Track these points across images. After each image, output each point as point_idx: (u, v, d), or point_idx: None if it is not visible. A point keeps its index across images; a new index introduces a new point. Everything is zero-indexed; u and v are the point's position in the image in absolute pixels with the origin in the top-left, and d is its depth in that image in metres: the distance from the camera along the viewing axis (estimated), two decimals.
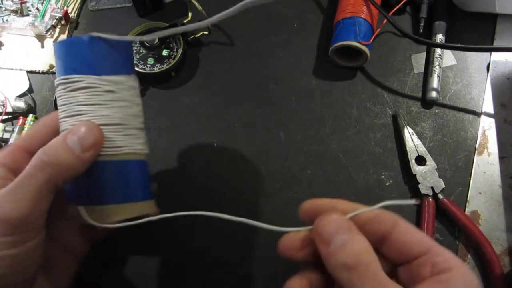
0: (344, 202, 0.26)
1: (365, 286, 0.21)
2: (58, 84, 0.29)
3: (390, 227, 0.24)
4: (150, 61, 0.46)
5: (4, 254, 0.24)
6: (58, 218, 0.30)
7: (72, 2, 0.53)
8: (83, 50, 0.28)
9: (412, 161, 0.40)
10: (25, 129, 0.45)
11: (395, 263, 0.25)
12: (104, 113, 0.28)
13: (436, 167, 0.40)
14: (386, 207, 0.25)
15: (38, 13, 0.51)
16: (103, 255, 0.38)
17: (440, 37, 0.45)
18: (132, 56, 0.32)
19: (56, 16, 0.50)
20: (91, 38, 0.28)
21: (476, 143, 0.42)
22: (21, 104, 0.46)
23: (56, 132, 0.31)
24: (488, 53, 0.46)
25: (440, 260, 0.23)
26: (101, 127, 0.28)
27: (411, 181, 0.40)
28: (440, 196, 0.38)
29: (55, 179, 0.26)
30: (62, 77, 0.29)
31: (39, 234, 0.26)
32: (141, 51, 0.47)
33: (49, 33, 0.50)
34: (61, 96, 0.29)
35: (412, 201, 0.25)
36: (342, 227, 0.23)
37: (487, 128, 0.42)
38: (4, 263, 0.24)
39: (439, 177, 0.39)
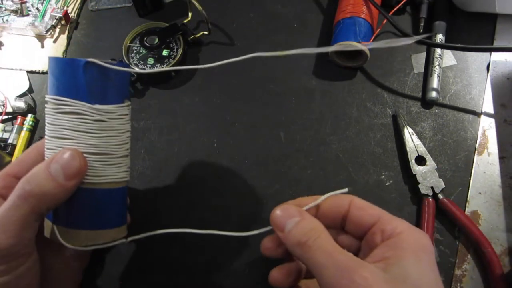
0: (304, 198, 0.30)
1: (314, 257, 0.24)
2: (48, 102, 0.29)
3: (347, 206, 0.28)
4: (150, 61, 0.46)
5: None
6: None
7: (72, 2, 0.53)
8: (77, 74, 0.27)
9: (412, 161, 0.40)
10: (24, 129, 0.45)
11: (358, 238, 0.29)
12: (91, 142, 0.28)
13: (436, 167, 0.40)
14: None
15: (38, 13, 0.51)
16: (101, 256, 0.39)
17: (440, 37, 0.45)
18: (128, 83, 0.31)
19: (56, 16, 0.50)
20: (87, 63, 0.27)
21: (476, 143, 0.42)
22: (21, 104, 0.46)
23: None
24: (488, 53, 0.46)
25: (388, 227, 0.26)
26: (86, 155, 0.28)
27: (411, 181, 0.40)
28: (440, 196, 0.38)
29: (39, 208, 0.26)
30: (54, 96, 0.28)
31: (29, 258, 0.27)
32: (141, 51, 0.47)
33: (49, 33, 0.50)
34: (50, 114, 0.29)
35: (345, 190, 0.30)
36: (291, 213, 0.27)
37: (487, 128, 0.42)
38: None
39: (439, 177, 0.39)
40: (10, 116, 0.46)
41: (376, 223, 0.27)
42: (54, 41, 0.51)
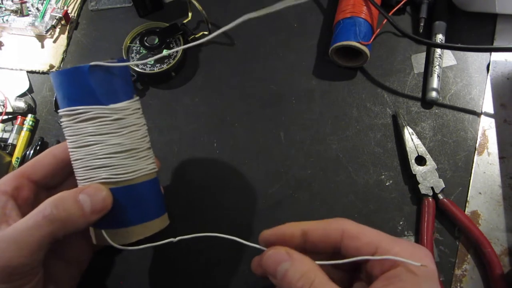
0: (291, 224, 0.28)
1: None
2: (63, 116, 0.29)
3: (339, 237, 0.26)
4: (150, 61, 0.46)
5: None
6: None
7: (72, 2, 0.53)
8: (85, 80, 0.28)
9: (412, 161, 0.40)
10: (24, 129, 0.45)
11: (354, 268, 0.27)
12: (116, 142, 0.29)
13: (436, 167, 0.40)
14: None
15: (38, 13, 0.51)
16: (101, 256, 0.39)
17: (440, 37, 0.45)
18: (130, 79, 0.32)
19: (56, 16, 0.50)
20: (91, 67, 0.28)
21: (476, 143, 0.42)
22: (21, 104, 0.46)
23: (61, 163, 0.31)
24: (488, 53, 0.46)
25: (386, 259, 0.24)
26: (115, 155, 0.29)
27: (411, 181, 0.40)
28: (440, 196, 0.38)
29: (59, 232, 0.27)
30: (67, 108, 0.28)
31: (35, 277, 0.27)
32: (141, 51, 0.47)
33: (49, 33, 0.50)
34: (68, 127, 0.29)
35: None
36: (280, 258, 0.25)
37: (487, 128, 0.42)
38: None
39: (439, 177, 0.39)
40: (10, 116, 0.46)
41: (374, 254, 0.25)
42: (54, 41, 0.51)
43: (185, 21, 0.48)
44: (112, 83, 0.29)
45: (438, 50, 0.45)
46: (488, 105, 0.43)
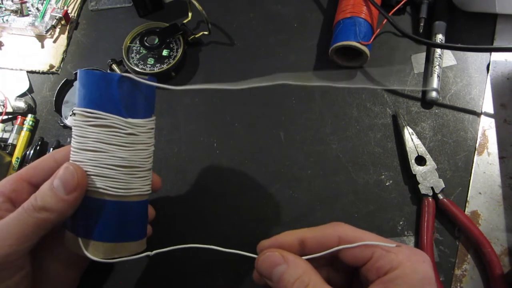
0: (284, 234, 0.28)
1: None
2: (78, 114, 0.28)
3: (336, 244, 0.26)
4: (150, 61, 0.46)
5: None
6: (58, 235, 0.31)
7: (72, 2, 0.53)
8: (112, 88, 0.28)
9: (412, 161, 0.40)
10: (24, 129, 0.45)
11: (350, 272, 0.28)
12: (121, 155, 0.28)
13: (436, 167, 0.40)
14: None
15: (38, 13, 0.51)
16: None
17: (440, 37, 0.45)
18: (154, 98, 0.31)
19: (56, 16, 0.50)
20: (122, 77, 0.28)
21: (476, 143, 0.41)
22: (21, 104, 0.46)
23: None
24: (488, 53, 0.46)
25: (383, 263, 0.25)
26: (116, 168, 0.28)
27: (411, 181, 0.40)
28: (440, 196, 0.38)
29: (44, 222, 0.27)
30: (85, 109, 0.28)
31: (20, 271, 0.28)
32: (141, 51, 0.47)
33: (49, 33, 0.50)
34: (79, 127, 0.28)
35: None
36: (275, 261, 0.26)
37: (487, 128, 0.42)
38: None
39: (439, 177, 0.39)
40: (10, 116, 0.46)
41: (370, 259, 0.25)
42: (54, 41, 0.51)
43: (185, 21, 0.49)
44: (136, 98, 0.29)
45: (438, 50, 0.45)
46: (488, 105, 0.43)
